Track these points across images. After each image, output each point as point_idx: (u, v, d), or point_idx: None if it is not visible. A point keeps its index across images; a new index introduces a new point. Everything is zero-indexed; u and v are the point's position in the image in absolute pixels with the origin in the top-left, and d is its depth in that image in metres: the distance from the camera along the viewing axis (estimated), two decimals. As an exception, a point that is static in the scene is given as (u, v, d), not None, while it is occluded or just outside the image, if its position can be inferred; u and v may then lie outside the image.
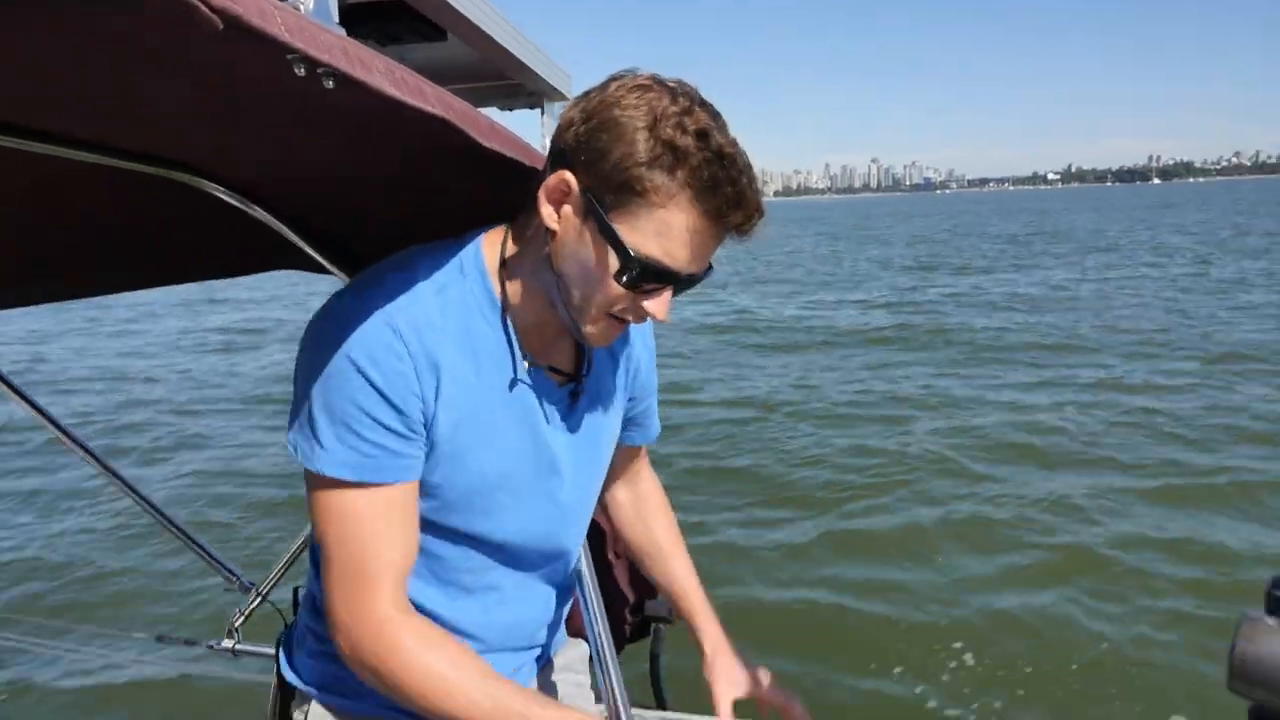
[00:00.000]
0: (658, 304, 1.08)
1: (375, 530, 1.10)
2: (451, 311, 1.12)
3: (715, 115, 1.03)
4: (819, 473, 7.56)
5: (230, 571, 2.41)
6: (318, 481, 1.09)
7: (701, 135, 0.99)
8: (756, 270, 29.69)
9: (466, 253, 1.16)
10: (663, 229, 1.02)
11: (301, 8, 1.47)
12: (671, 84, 1.03)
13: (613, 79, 1.06)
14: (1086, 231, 44.65)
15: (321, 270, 1.71)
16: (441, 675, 1.09)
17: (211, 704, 4.08)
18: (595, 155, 1.02)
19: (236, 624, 2.32)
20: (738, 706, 1.51)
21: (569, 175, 1.05)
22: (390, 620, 1.10)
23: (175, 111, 0.96)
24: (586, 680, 1.60)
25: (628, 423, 1.45)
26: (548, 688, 1.51)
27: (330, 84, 0.76)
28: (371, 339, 1.06)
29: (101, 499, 7.33)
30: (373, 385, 1.06)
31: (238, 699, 4.05)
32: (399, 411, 1.07)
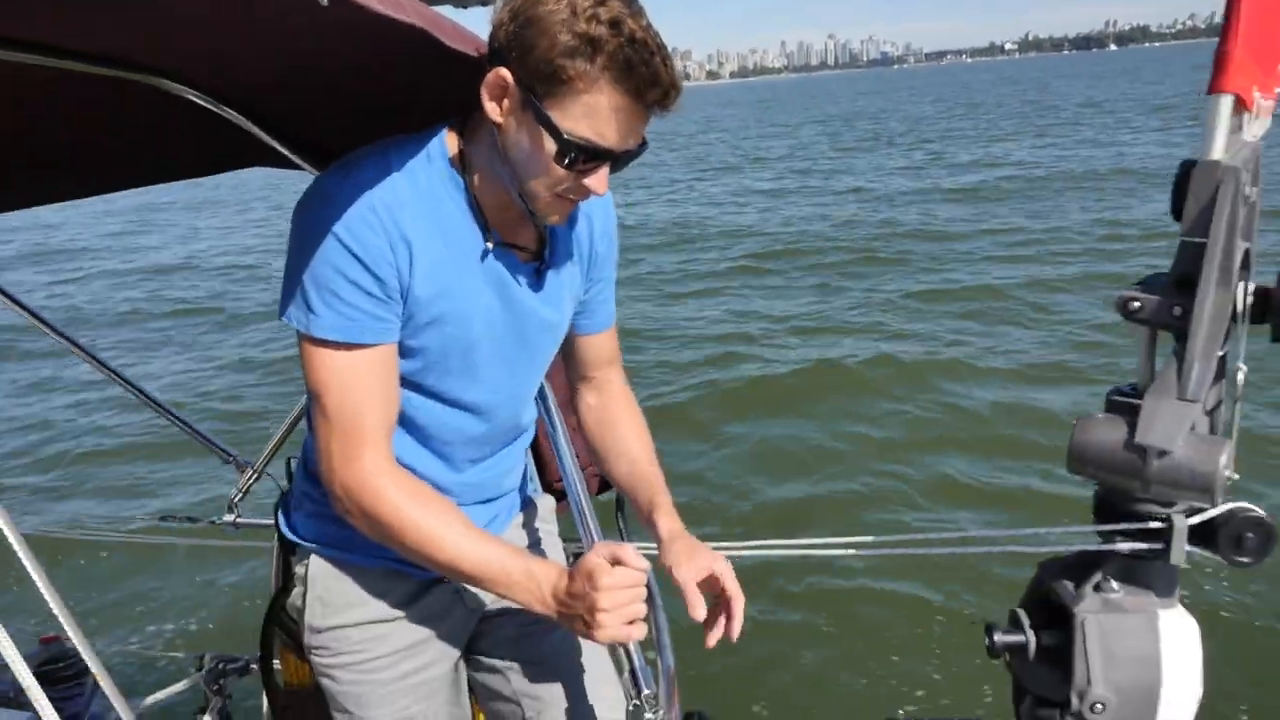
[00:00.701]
0: (596, 180, 1.23)
1: (361, 386, 1.27)
2: (421, 194, 1.27)
3: (629, 3, 1.13)
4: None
5: (226, 452, 2.61)
6: (310, 346, 1.26)
7: (614, 24, 1.10)
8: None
9: (433, 144, 1.30)
10: (590, 112, 1.14)
11: None
12: (613, 9, 1.16)
13: None
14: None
15: (291, 165, 1.85)
16: (428, 527, 1.28)
17: (217, 571, 4.39)
18: (523, 50, 1.14)
19: (236, 500, 2.53)
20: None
21: (504, 71, 1.18)
22: (378, 473, 1.28)
23: (161, 19, 1.10)
24: (554, 529, 1.79)
25: (581, 307, 1.57)
26: (518, 536, 1.69)
27: (325, 1, 0.89)
28: (352, 216, 1.22)
29: (98, 391, 7.55)
30: (354, 255, 1.22)
31: (241, 565, 4.37)
32: (377, 278, 1.24)
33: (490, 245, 1.34)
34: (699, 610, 1.33)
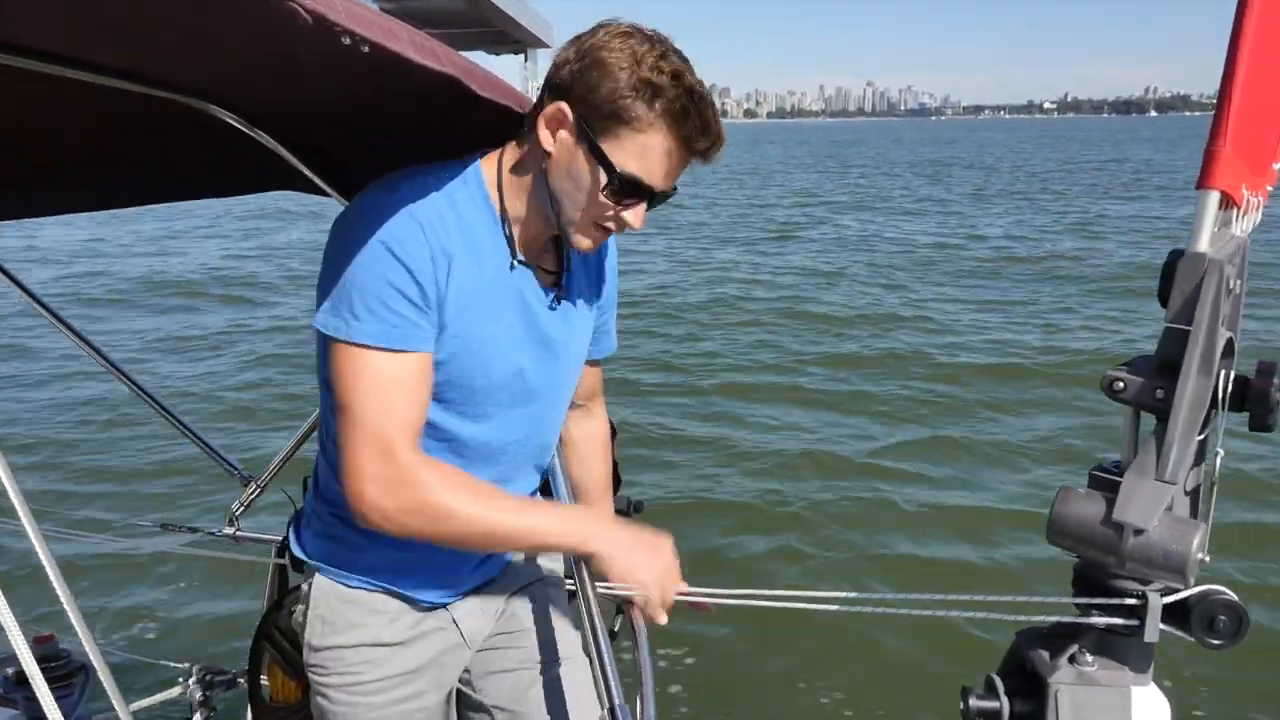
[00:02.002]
0: (635, 214, 1.33)
1: (397, 391, 1.30)
2: (458, 214, 1.34)
3: (685, 60, 1.27)
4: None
5: (231, 465, 2.64)
6: (349, 353, 1.29)
7: (676, 75, 1.23)
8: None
9: (469, 170, 1.38)
10: (643, 151, 1.26)
11: None
12: (649, 32, 1.28)
13: (600, 26, 1.30)
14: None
15: (318, 192, 1.91)
16: (471, 506, 1.30)
17: (213, 583, 4.40)
18: (587, 89, 1.25)
19: (237, 513, 2.56)
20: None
21: (564, 105, 1.28)
22: (419, 465, 1.29)
23: (204, 46, 1.17)
24: (559, 566, 1.80)
25: (593, 333, 1.65)
26: (518, 570, 1.71)
27: (366, 49, 0.97)
28: (397, 227, 1.28)
29: (107, 394, 7.61)
30: (401, 262, 1.27)
31: (237, 578, 4.38)
32: (420, 287, 1.29)
33: (515, 262, 1.41)
34: (663, 617, 1.53)
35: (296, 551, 1.58)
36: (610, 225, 1.35)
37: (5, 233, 16.15)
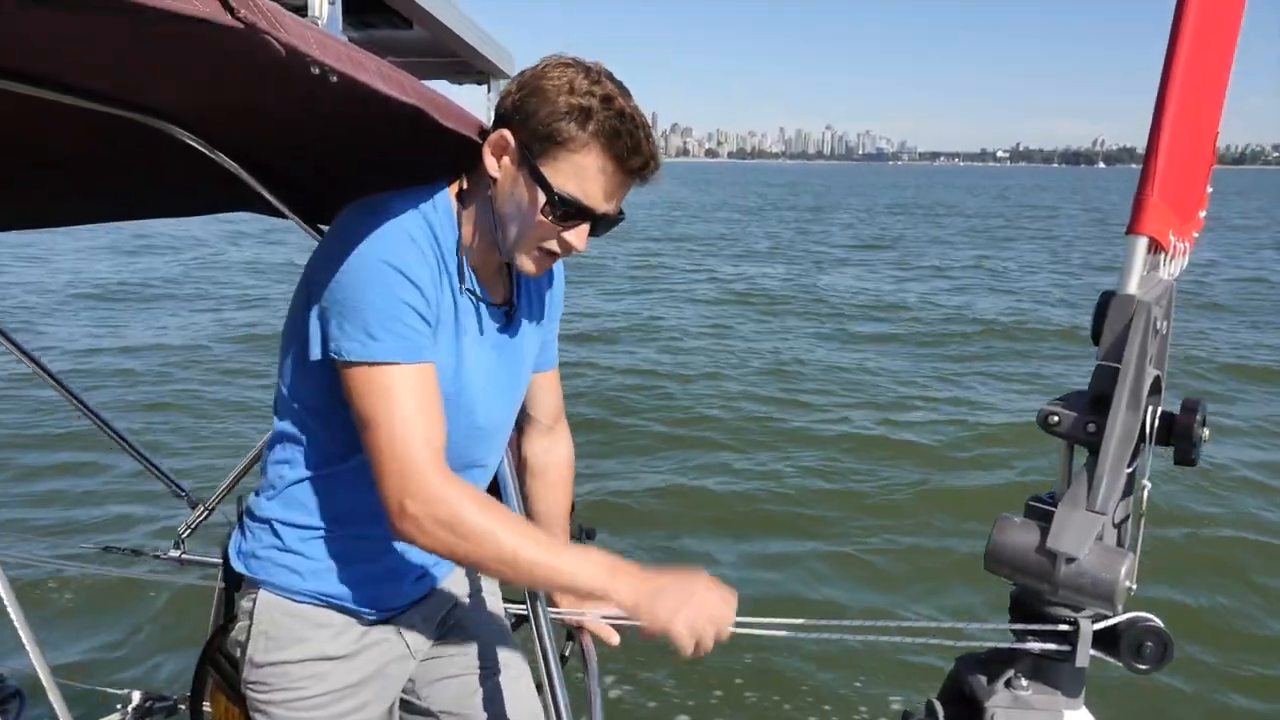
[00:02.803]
0: (577, 236, 1.36)
1: (420, 403, 1.32)
2: (435, 238, 1.38)
3: (620, 86, 1.32)
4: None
5: (178, 486, 2.61)
6: (368, 374, 1.31)
7: (606, 99, 1.29)
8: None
9: (439, 198, 1.42)
10: (579, 171, 1.30)
11: (319, 21, 1.71)
12: (588, 64, 1.34)
13: (544, 59, 1.36)
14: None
15: (276, 214, 1.92)
16: (502, 532, 1.29)
17: (158, 608, 4.29)
18: (526, 115, 1.32)
19: (184, 535, 2.52)
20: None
21: (507, 132, 1.34)
22: (451, 482, 1.30)
23: (163, 64, 1.18)
24: (496, 586, 1.85)
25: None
26: (459, 584, 1.74)
27: (334, 79, 0.99)
28: (400, 246, 1.31)
29: (51, 412, 7.43)
30: (410, 281, 1.31)
31: (182, 602, 4.28)
32: (427, 302, 1.34)
33: (464, 289, 1.44)
34: (615, 637, 1.67)
35: (238, 568, 1.57)
36: (554, 248, 1.38)
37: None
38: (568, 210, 1.33)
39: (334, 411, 1.44)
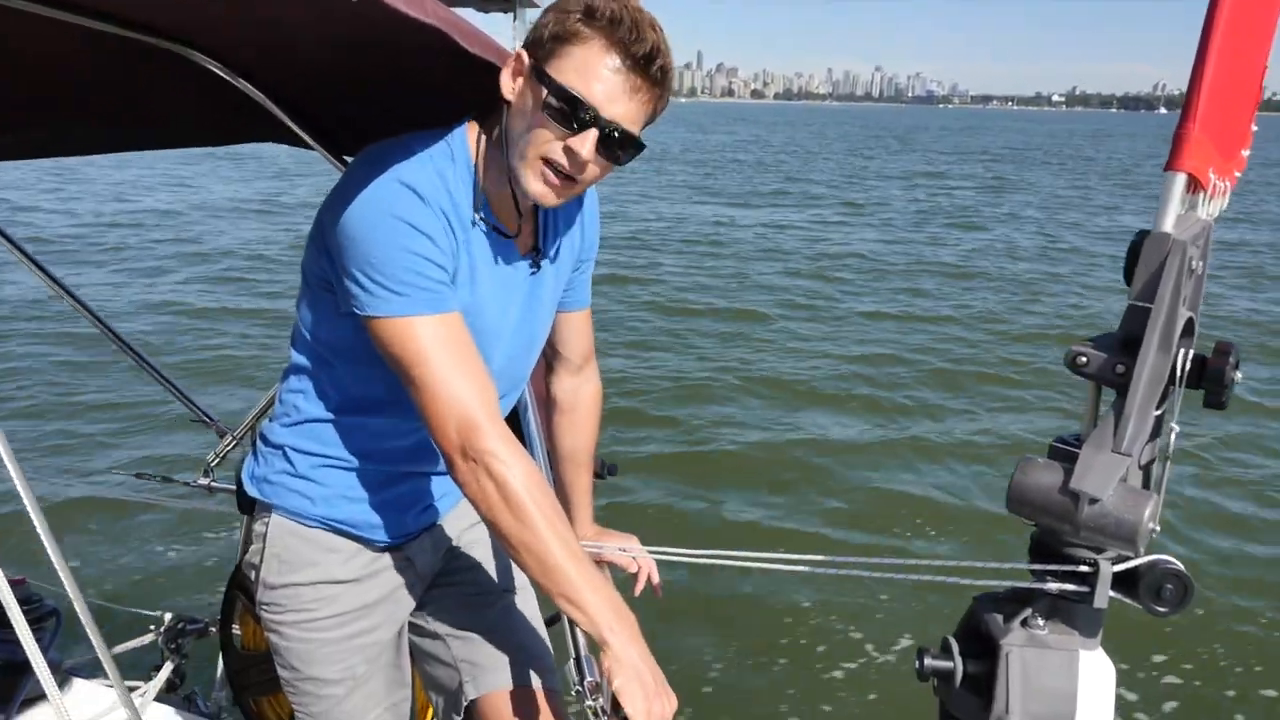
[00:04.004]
0: (583, 143, 1.29)
1: (459, 353, 1.32)
2: (448, 188, 1.36)
3: (638, 5, 1.28)
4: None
5: (207, 416, 2.65)
6: (400, 329, 1.30)
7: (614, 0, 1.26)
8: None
9: (455, 140, 1.39)
10: (581, 66, 1.26)
11: None
12: None
13: None
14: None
15: (302, 145, 1.91)
16: (539, 518, 1.27)
17: (187, 533, 4.41)
18: (539, 28, 1.31)
19: (213, 464, 2.58)
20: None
21: (523, 50, 1.32)
22: (504, 439, 1.29)
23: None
24: None
25: (566, 286, 1.67)
26: (468, 511, 1.76)
27: None
28: (405, 198, 1.30)
29: (82, 343, 7.55)
30: (426, 235, 1.30)
31: (212, 529, 4.39)
32: (442, 250, 1.32)
33: (484, 223, 1.42)
34: (632, 566, 1.76)
35: (251, 492, 1.60)
36: (560, 160, 1.32)
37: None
38: (567, 107, 1.27)
39: (358, 359, 1.45)
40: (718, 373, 8.10)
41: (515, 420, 1.97)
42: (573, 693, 1.34)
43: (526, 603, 1.76)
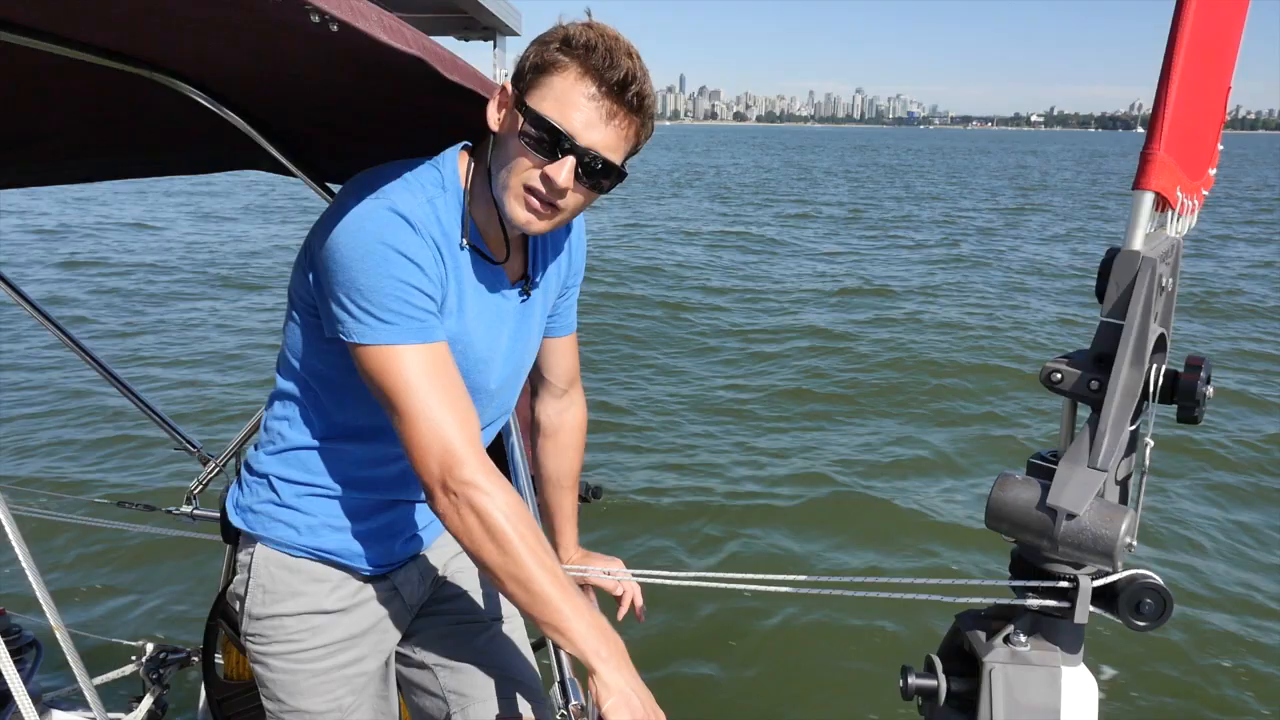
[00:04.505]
0: (559, 170, 1.30)
1: (443, 384, 1.31)
2: (437, 214, 1.36)
3: (615, 34, 1.31)
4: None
5: (190, 443, 2.63)
6: (385, 357, 1.30)
7: (590, 27, 1.29)
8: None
9: (446, 170, 1.40)
10: (559, 94, 1.28)
11: None
12: (593, 23, 1.32)
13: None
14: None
15: (285, 173, 1.91)
16: (523, 549, 1.26)
17: (168, 562, 4.36)
18: (523, 60, 1.33)
19: (195, 491, 2.55)
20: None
21: (508, 83, 1.34)
22: (486, 471, 1.28)
23: (172, 20, 1.17)
24: None
25: (552, 312, 1.68)
26: (450, 542, 1.74)
27: (334, 28, 0.98)
28: (398, 230, 1.29)
29: (63, 369, 7.49)
30: (415, 263, 1.30)
31: (194, 558, 4.35)
32: (430, 279, 1.32)
33: (471, 248, 1.42)
34: (617, 590, 1.76)
35: (236, 522, 1.59)
36: (539, 188, 1.33)
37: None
38: (545, 136, 1.29)
39: (344, 386, 1.45)
40: (705, 392, 8.12)
41: (498, 446, 1.97)
42: (558, 716, 1.34)
43: (514, 630, 1.75)
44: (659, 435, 7.03)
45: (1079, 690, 1.16)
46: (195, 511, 2.54)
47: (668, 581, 1.58)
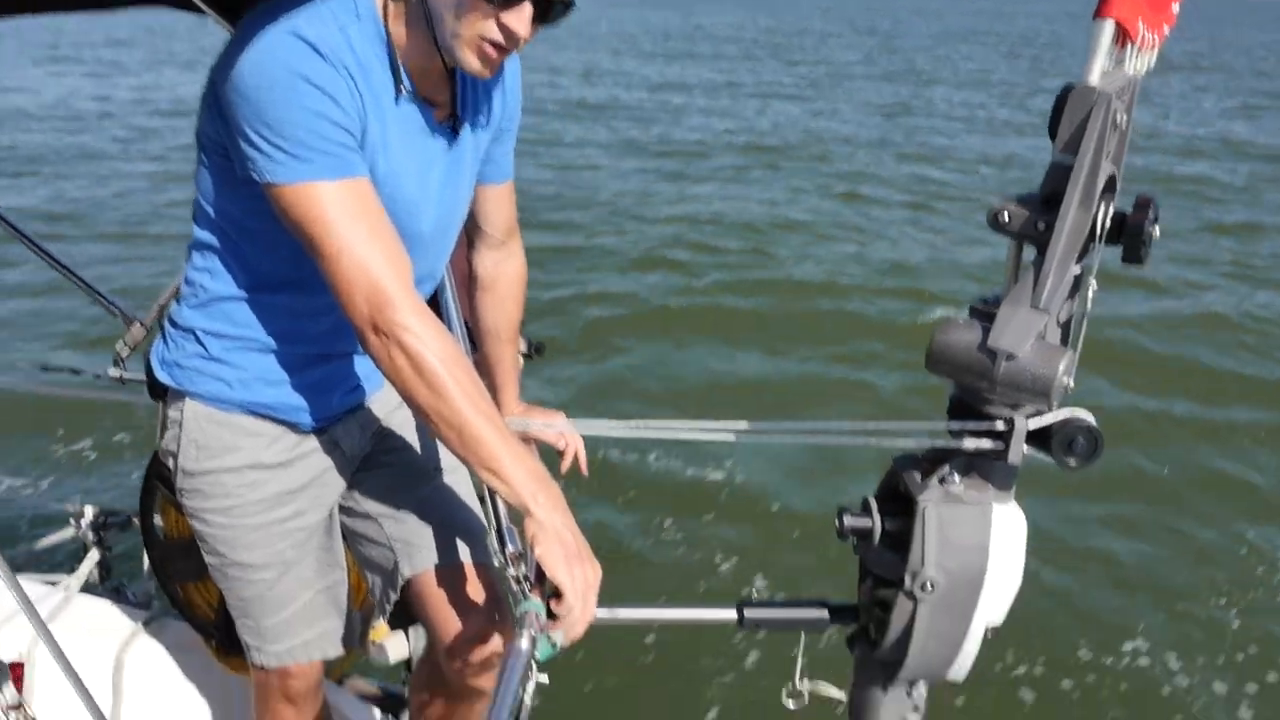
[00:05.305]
0: (517, 19, 1.24)
1: (367, 221, 1.24)
2: (352, 46, 1.27)
3: None
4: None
5: (114, 304, 2.54)
6: (300, 195, 1.22)
7: None
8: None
9: (360, 1, 1.29)
10: None
11: None
12: None
13: None
14: None
15: (192, 9, 1.77)
16: (458, 393, 1.23)
17: (103, 427, 4.28)
18: None
19: (123, 354, 2.48)
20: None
21: None
22: (420, 324, 1.24)
23: None
24: None
25: (487, 158, 1.61)
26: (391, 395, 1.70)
27: None
28: (303, 54, 1.20)
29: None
30: (321, 90, 1.21)
31: (126, 421, 4.28)
32: (348, 115, 1.24)
33: (406, 93, 1.34)
34: (561, 443, 1.71)
35: (162, 378, 1.54)
36: (498, 38, 1.27)
37: None
38: None
39: (264, 232, 1.37)
40: (659, 246, 8.08)
41: (435, 300, 1.92)
42: (494, 564, 1.35)
43: (459, 481, 1.75)
44: (602, 281, 7.01)
45: (1009, 527, 1.20)
46: (124, 375, 2.47)
47: (611, 433, 1.58)
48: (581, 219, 9.29)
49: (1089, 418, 1.14)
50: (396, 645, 2.14)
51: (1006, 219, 1.09)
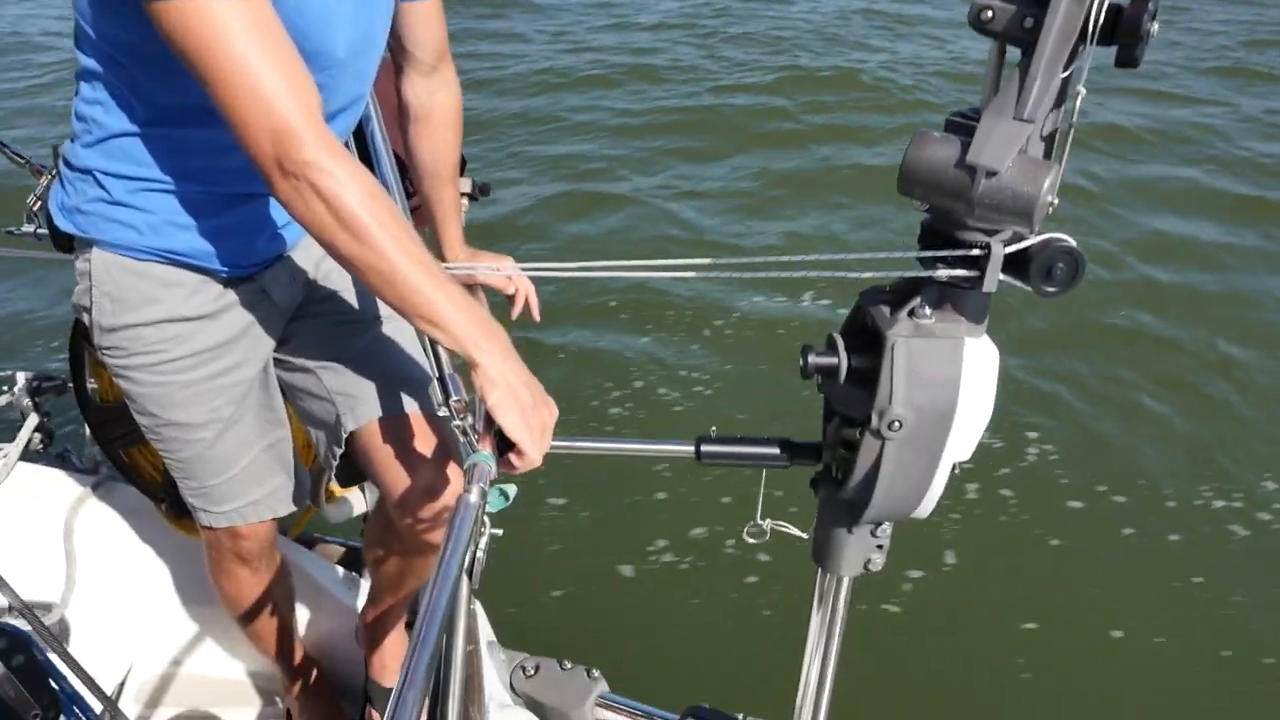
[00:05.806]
0: None
1: (265, 43, 1.07)
2: None
3: None
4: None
5: (19, 155, 2.36)
6: (184, 13, 1.05)
7: None
8: None
9: None
10: None
11: None
12: None
13: None
14: None
15: None
16: (381, 234, 1.12)
17: (24, 287, 4.08)
18: None
19: (34, 208, 2.31)
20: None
21: None
22: (332, 163, 1.10)
23: None
24: None
25: None
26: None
27: None
28: None
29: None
30: None
31: (50, 278, 4.08)
32: None
33: None
34: (509, 288, 1.66)
35: (64, 225, 1.41)
36: None
37: None
38: None
39: (157, 57, 1.19)
40: (609, 71, 7.75)
41: (360, 134, 1.77)
42: (437, 414, 1.28)
43: (400, 329, 1.65)
44: (546, 111, 6.74)
45: (981, 359, 1.13)
46: (39, 230, 2.31)
47: (563, 274, 1.48)
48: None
49: (1070, 241, 1.05)
50: (349, 502, 2.10)
51: (989, 16, 0.97)
